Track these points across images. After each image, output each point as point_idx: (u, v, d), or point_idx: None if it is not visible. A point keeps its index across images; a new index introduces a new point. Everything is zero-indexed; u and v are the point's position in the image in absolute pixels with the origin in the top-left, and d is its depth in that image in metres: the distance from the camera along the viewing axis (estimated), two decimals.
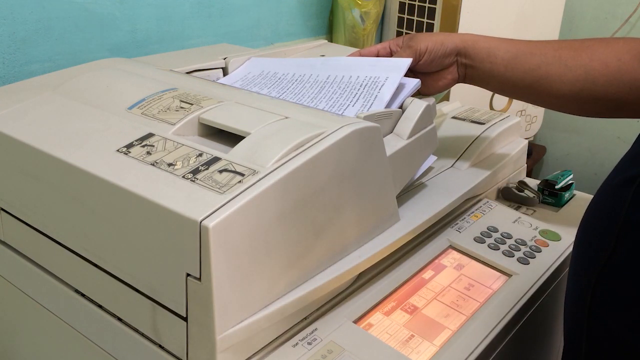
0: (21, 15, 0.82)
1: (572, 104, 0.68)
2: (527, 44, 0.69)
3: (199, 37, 1.06)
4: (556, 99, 0.68)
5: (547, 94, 0.68)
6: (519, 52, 0.68)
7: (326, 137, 0.51)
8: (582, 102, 0.67)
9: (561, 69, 0.66)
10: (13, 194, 0.60)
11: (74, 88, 0.65)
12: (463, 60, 0.70)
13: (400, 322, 0.57)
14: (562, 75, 0.66)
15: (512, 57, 0.68)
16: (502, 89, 0.71)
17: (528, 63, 0.68)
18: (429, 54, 0.69)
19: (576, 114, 0.70)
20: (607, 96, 0.65)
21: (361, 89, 0.67)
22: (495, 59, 0.69)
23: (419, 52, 0.69)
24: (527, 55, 0.68)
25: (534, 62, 0.67)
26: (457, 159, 0.76)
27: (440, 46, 0.69)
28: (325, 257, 0.53)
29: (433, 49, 0.69)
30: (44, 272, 0.60)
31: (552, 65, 0.67)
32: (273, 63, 0.78)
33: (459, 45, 0.69)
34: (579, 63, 0.66)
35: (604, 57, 0.65)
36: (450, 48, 0.69)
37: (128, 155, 0.52)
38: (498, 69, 0.69)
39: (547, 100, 0.70)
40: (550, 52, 0.67)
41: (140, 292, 0.50)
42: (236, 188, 0.46)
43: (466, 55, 0.70)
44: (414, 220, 0.62)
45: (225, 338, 0.46)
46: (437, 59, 0.69)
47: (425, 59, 0.69)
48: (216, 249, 0.43)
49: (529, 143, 1.02)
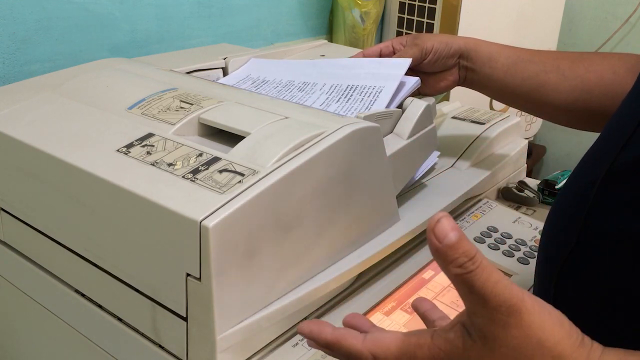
0: (21, 15, 0.82)
1: (568, 114, 0.68)
2: (527, 52, 0.69)
3: (199, 37, 1.06)
4: (552, 108, 0.68)
5: (544, 103, 0.68)
6: (519, 59, 0.68)
7: (326, 137, 0.51)
8: (577, 112, 0.67)
9: (558, 77, 0.67)
10: (13, 194, 0.60)
11: (74, 88, 0.65)
12: (464, 63, 0.70)
13: (400, 322, 0.57)
14: (559, 84, 0.67)
15: (512, 63, 0.68)
16: (501, 95, 0.72)
17: (527, 70, 0.68)
18: (434, 54, 0.69)
19: (574, 127, 0.71)
20: (601, 108, 0.65)
21: (361, 89, 0.67)
22: (496, 64, 0.69)
23: (425, 51, 0.69)
24: (527, 63, 0.68)
25: (532, 69, 0.68)
26: (457, 159, 0.76)
27: (445, 46, 0.69)
28: (325, 257, 0.53)
29: (439, 49, 0.69)
30: (44, 272, 0.60)
31: (550, 73, 0.67)
32: (273, 64, 0.78)
33: (463, 47, 0.70)
34: (576, 73, 0.66)
35: (600, 69, 0.65)
36: (454, 49, 0.69)
37: (128, 155, 0.52)
38: (498, 74, 0.69)
39: (544, 109, 0.70)
40: (549, 61, 0.68)
41: (140, 292, 0.50)
42: (236, 188, 0.46)
43: (468, 58, 0.70)
44: (414, 220, 0.62)
45: (225, 338, 0.46)
46: (441, 59, 0.70)
47: (430, 58, 0.69)
48: (216, 249, 0.43)
49: (529, 143, 1.02)
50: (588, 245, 0.45)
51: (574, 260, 0.46)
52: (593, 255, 0.45)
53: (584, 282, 0.46)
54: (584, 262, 0.46)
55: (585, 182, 0.47)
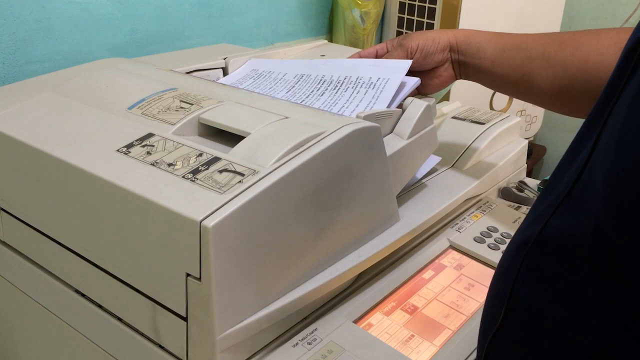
0: (21, 15, 0.82)
1: (556, 102, 0.66)
2: (515, 38, 0.67)
3: (199, 37, 1.06)
4: (539, 96, 0.66)
5: (531, 92, 0.66)
6: (506, 47, 0.66)
7: (326, 137, 0.51)
8: (563, 100, 0.64)
9: (542, 64, 0.64)
10: (13, 194, 0.60)
11: (74, 88, 0.65)
12: (456, 57, 0.69)
13: (400, 322, 0.57)
14: (542, 71, 0.64)
15: (499, 52, 0.66)
16: (493, 85, 0.70)
17: (513, 59, 0.66)
18: (421, 51, 0.68)
19: (566, 114, 0.68)
20: (586, 94, 0.61)
21: (362, 89, 0.67)
22: (484, 54, 0.67)
23: (410, 50, 0.69)
24: (513, 51, 0.66)
25: (519, 57, 0.65)
26: (457, 159, 0.76)
27: (432, 42, 0.68)
28: (325, 257, 0.53)
29: (424, 46, 0.68)
30: (44, 272, 0.60)
31: (535, 60, 0.64)
32: (273, 64, 0.78)
33: (452, 41, 0.68)
34: (560, 58, 0.63)
35: (586, 50, 0.61)
36: (442, 44, 0.68)
37: (128, 155, 0.52)
38: (486, 65, 0.67)
39: (534, 97, 0.68)
40: (536, 47, 0.65)
41: (140, 292, 0.50)
42: (236, 188, 0.46)
43: (458, 51, 0.69)
44: (414, 220, 0.62)
45: (225, 338, 0.46)
46: (430, 56, 0.69)
47: (417, 56, 0.69)
48: (216, 249, 0.43)
49: (529, 143, 1.02)
50: (513, 320, 0.41)
51: (500, 336, 0.42)
52: (517, 334, 0.41)
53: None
54: (509, 339, 0.41)
55: (520, 241, 0.41)
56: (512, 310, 0.41)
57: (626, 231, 0.32)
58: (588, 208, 0.36)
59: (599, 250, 0.35)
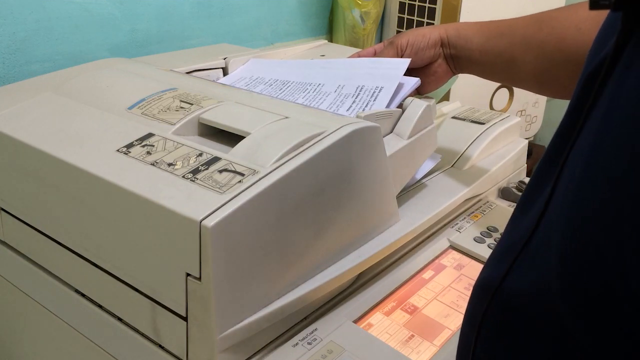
0: (21, 15, 0.82)
1: (542, 86, 0.64)
2: (500, 25, 0.66)
3: (199, 37, 1.06)
4: (526, 81, 0.65)
5: (518, 77, 0.65)
6: (491, 35, 0.65)
7: (326, 137, 0.51)
8: (548, 83, 0.62)
9: (523, 48, 0.62)
10: (13, 194, 0.60)
11: (74, 88, 0.65)
12: (447, 51, 0.69)
13: (400, 322, 0.57)
14: (525, 55, 0.62)
15: (485, 41, 0.66)
16: (484, 74, 0.69)
17: (497, 46, 0.65)
18: (411, 48, 0.68)
19: (553, 97, 0.66)
20: (568, 74, 0.58)
21: (361, 89, 0.67)
22: (472, 45, 0.67)
23: (400, 47, 0.68)
24: (497, 38, 0.65)
25: (502, 44, 0.64)
26: (457, 159, 0.76)
27: (422, 38, 0.68)
28: (325, 257, 0.53)
29: (414, 42, 0.68)
30: (44, 272, 0.60)
31: (516, 45, 0.63)
32: (273, 64, 0.78)
33: (443, 35, 0.68)
34: (538, 39, 0.61)
35: (563, 28, 0.59)
36: (433, 40, 0.68)
37: (128, 155, 0.52)
38: (474, 56, 0.67)
39: (521, 83, 0.66)
40: (518, 31, 0.63)
41: (140, 292, 0.50)
42: (236, 188, 0.46)
43: (450, 45, 0.68)
44: (414, 220, 0.62)
45: (225, 338, 0.46)
46: (421, 51, 0.68)
47: (407, 53, 0.68)
48: (216, 248, 0.43)
49: (529, 143, 1.02)
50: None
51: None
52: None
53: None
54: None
55: (484, 285, 0.36)
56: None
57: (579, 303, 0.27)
58: (542, 267, 0.30)
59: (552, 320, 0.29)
